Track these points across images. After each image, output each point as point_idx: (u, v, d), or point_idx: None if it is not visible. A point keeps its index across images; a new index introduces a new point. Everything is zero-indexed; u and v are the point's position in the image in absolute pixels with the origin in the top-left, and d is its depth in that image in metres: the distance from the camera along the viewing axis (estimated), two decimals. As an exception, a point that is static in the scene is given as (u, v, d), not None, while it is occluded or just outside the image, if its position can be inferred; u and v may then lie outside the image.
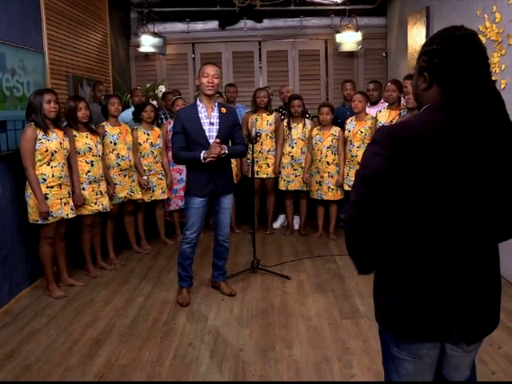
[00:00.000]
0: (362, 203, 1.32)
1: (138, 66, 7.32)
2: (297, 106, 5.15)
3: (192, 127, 3.45)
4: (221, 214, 3.63)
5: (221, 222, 3.65)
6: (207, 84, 3.41)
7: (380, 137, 1.32)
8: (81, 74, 5.20)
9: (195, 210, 3.50)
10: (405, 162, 1.28)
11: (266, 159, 5.38)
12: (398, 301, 1.38)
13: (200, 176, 3.48)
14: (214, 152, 3.33)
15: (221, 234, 3.69)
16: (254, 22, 7.20)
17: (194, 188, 3.50)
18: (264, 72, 7.27)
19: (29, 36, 4.10)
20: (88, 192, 4.13)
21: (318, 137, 5.12)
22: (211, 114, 3.51)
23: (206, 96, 3.48)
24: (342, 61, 7.28)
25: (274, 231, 5.66)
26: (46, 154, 3.66)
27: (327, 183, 5.12)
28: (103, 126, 4.50)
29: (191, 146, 3.46)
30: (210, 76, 3.41)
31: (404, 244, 1.35)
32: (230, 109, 3.70)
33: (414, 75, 1.44)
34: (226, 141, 3.52)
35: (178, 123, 3.48)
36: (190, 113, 3.50)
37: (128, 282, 4.17)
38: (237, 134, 3.61)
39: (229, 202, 3.64)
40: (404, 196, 1.30)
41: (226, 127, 3.52)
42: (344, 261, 4.50)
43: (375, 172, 1.29)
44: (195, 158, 3.39)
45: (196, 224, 3.53)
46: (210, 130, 3.49)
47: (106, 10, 6.14)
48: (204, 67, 3.49)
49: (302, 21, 7.23)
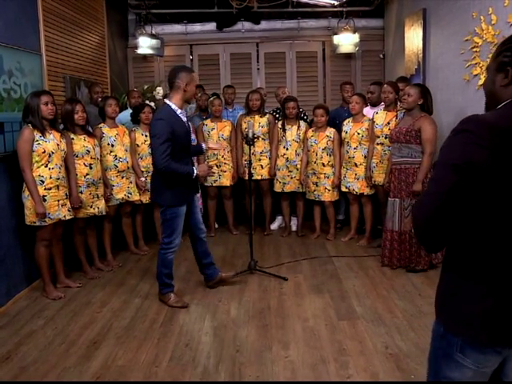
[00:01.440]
0: (452, 192, 1.24)
1: (136, 67, 7.32)
2: (291, 108, 5.16)
3: (181, 134, 3.42)
4: (195, 213, 3.73)
5: (198, 220, 3.75)
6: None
7: (473, 125, 1.25)
8: (78, 75, 5.20)
9: (182, 217, 3.55)
10: (505, 154, 1.21)
11: (260, 161, 5.39)
12: (481, 306, 1.30)
13: (188, 184, 3.52)
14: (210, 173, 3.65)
15: (201, 232, 3.79)
16: (251, 23, 7.21)
17: (183, 197, 3.52)
18: (262, 73, 7.28)
19: (26, 38, 4.10)
20: (85, 195, 4.14)
21: (312, 139, 5.13)
22: (184, 118, 3.56)
23: (185, 102, 3.52)
24: (339, 62, 7.29)
25: (272, 232, 5.67)
26: (43, 155, 3.66)
27: (324, 184, 5.13)
28: (100, 128, 4.51)
29: (177, 154, 3.39)
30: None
31: (490, 245, 1.29)
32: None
33: (488, 72, 1.42)
34: None
35: (167, 129, 3.30)
36: (175, 118, 3.41)
37: (125, 284, 4.17)
38: None
39: (197, 200, 3.80)
40: (498, 190, 1.23)
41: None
42: (341, 262, 4.51)
43: (469, 161, 1.21)
44: (189, 174, 3.44)
45: (180, 232, 3.60)
46: (190, 134, 3.62)
47: (103, 11, 6.14)
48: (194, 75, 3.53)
49: (300, 22, 7.25)
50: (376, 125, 4.69)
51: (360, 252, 4.80)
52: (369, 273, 4.19)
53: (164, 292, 3.68)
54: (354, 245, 5.05)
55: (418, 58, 5.38)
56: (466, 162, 1.23)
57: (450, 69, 4.55)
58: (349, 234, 5.25)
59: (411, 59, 5.66)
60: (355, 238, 5.22)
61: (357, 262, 4.48)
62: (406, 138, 4.02)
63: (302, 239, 5.36)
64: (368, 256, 4.64)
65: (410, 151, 4.04)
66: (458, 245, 1.35)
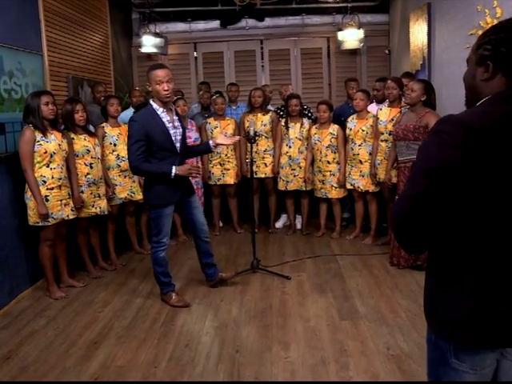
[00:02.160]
0: (421, 197, 1.20)
1: (140, 66, 7.30)
2: (294, 106, 5.12)
3: (157, 133, 3.34)
4: (195, 214, 3.67)
5: (197, 221, 3.68)
6: (162, 91, 3.31)
7: (448, 126, 1.21)
8: (81, 75, 5.20)
9: (167, 217, 3.52)
10: (480, 154, 1.17)
11: (263, 159, 5.36)
12: (466, 308, 1.26)
13: (171, 184, 3.44)
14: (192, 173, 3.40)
15: (201, 233, 3.73)
16: (255, 20, 7.16)
17: (165, 197, 3.47)
18: (266, 71, 7.24)
19: (27, 38, 4.10)
20: (87, 195, 4.14)
21: (316, 136, 5.09)
22: (173, 117, 3.47)
23: (162, 102, 3.39)
24: (344, 59, 7.23)
25: (276, 231, 5.63)
26: (45, 155, 3.66)
27: (330, 182, 5.09)
28: (103, 127, 4.50)
29: (156, 153, 3.38)
30: (164, 83, 3.31)
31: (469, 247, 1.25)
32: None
33: (469, 65, 1.37)
34: (185, 143, 3.61)
35: (140, 130, 3.28)
36: (152, 118, 3.36)
37: (128, 283, 4.17)
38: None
39: (196, 200, 3.72)
40: (475, 191, 1.19)
41: (183, 130, 3.57)
42: (345, 260, 4.47)
43: (444, 165, 1.17)
44: (164, 173, 3.35)
45: (169, 231, 3.59)
46: (175, 133, 3.45)
47: (106, 11, 6.14)
48: (155, 71, 3.33)
49: (304, 19, 7.19)
50: (380, 121, 4.63)
51: (365, 250, 4.75)
52: (373, 272, 4.15)
53: (165, 291, 3.67)
54: (358, 243, 5.01)
55: (423, 53, 5.31)
56: (441, 165, 1.18)
57: (455, 63, 4.47)
58: (354, 232, 5.20)
59: (416, 54, 5.59)
60: (360, 236, 5.17)
61: (361, 261, 4.44)
62: (415, 135, 3.96)
63: (306, 237, 5.32)
64: (372, 254, 4.59)
65: (418, 148, 3.98)
66: (439, 248, 1.31)
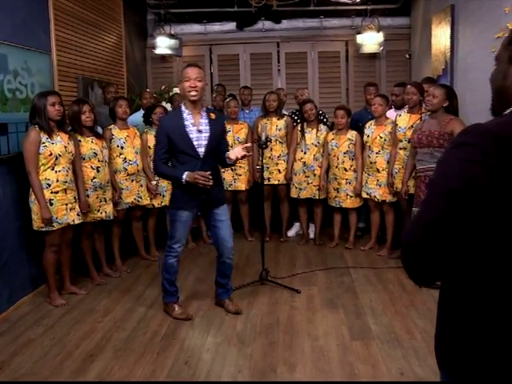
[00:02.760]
0: (439, 223, 0.99)
1: (155, 68, 7.21)
2: (309, 110, 4.93)
3: (177, 136, 3.19)
4: (219, 228, 3.39)
5: (221, 237, 3.40)
6: (189, 89, 3.15)
7: (474, 137, 1.00)
8: (92, 75, 5.09)
9: (182, 223, 3.31)
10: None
11: (277, 165, 5.17)
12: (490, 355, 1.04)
13: (187, 188, 3.21)
14: (199, 183, 3.14)
15: (224, 251, 3.43)
16: (272, 22, 7.01)
17: (181, 201, 3.28)
18: (282, 74, 7.08)
19: (35, 37, 4.00)
20: (92, 199, 4.00)
21: (333, 142, 4.89)
22: (199, 120, 3.25)
23: (190, 102, 3.21)
24: (363, 63, 7.03)
25: (289, 239, 5.44)
26: (49, 157, 3.54)
27: (345, 190, 4.88)
28: (110, 129, 4.38)
29: (178, 157, 3.25)
30: (191, 79, 3.14)
31: (499, 279, 1.02)
32: (219, 115, 3.56)
33: (499, 63, 1.15)
34: (214, 149, 3.29)
35: (162, 132, 3.22)
36: (175, 120, 3.24)
37: (132, 290, 4.02)
38: (223, 142, 3.42)
39: (224, 213, 3.40)
40: (505, 216, 0.98)
41: (215, 135, 3.28)
42: (358, 274, 4.26)
43: (468, 185, 0.97)
44: (176, 178, 3.20)
45: (183, 237, 3.37)
46: (199, 138, 3.22)
47: (120, 11, 6.04)
48: (185, 69, 3.21)
49: (322, 21, 7.01)
50: (399, 128, 4.41)
51: (379, 263, 4.53)
52: (387, 287, 3.93)
53: (166, 300, 3.49)
54: (373, 255, 4.79)
55: (446, 57, 5.08)
56: (464, 185, 0.97)
57: (479, 68, 4.23)
58: (369, 244, 4.98)
59: (438, 59, 5.35)
60: (375, 248, 4.95)
61: (375, 275, 4.22)
62: (440, 141, 3.73)
63: (319, 248, 5.12)
64: (388, 268, 4.37)
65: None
66: (456, 279, 1.08)
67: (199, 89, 3.16)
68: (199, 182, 3.13)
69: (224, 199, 3.46)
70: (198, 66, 3.24)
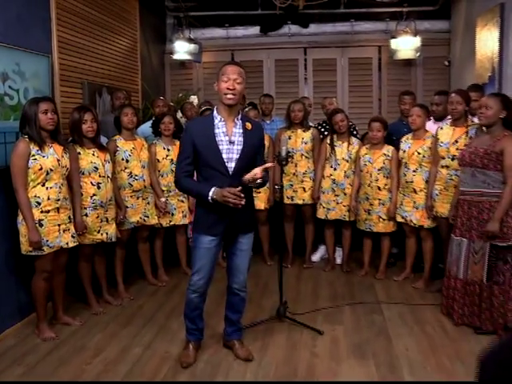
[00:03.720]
0: None
1: (173, 74, 6.83)
2: (340, 121, 4.40)
3: (204, 145, 2.68)
4: (237, 256, 2.87)
5: (236, 266, 2.88)
6: (226, 91, 2.64)
7: None
8: (100, 81, 4.69)
9: (204, 250, 2.77)
10: None
11: (302, 182, 4.64)
12: None
13: (211, 209, 2.70)
14: (228, 201, 2.58)
15: (235, 282, 2.92)
16: (299, 26, 6.57)
17: (204, 224, 2.76)
18: (309, 82, 6.61)
19: (31, 36, 3.60)
20: (91, 219, 3.56)
21: (367, 157, 4.33)
22: (232, 129, 2.72)
23: (224, 106, 2.70)
24: (397, 70, 6.49)
25: (313, 265, 4.89)
26: (39, 172, 3.11)
27: (378, 212, 4.31)
28: (115, 141, 3.94)
29: (202, 171, 2.74)
30: (230, 80, 2.63)
31: None
32: (257, 124, 2.91)
33: None
34: (247, 166, 2.71)
35: (187, 139, 2.72)
36: (204, 127, 2.73)
37: (131, 324, 3.55)
38: (259, 155, 2.85)
39: (247, 242, 2.86)
40: None
41: (250, 148, 2.73)
42: (391, 311, 3.68)
43: None
44: (200, 195, 2.69)
45: (205, 268, 2.80)
46: (230, 150, 2.69)
47: (136, 14, 5.66)
48: (225, 67, 2.69)
49: (353, 25, 6.51)
50: (440, 143, 3.83)
51: (416, 298, 3.94)
52: (426, 329, 3.34)
53: (186, 337, 3.02)
54: (408, 287, 4.19)
55: (493, 63, 4.49)
56: None
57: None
58: (403, 273, 4.39)
59: (484, 65, 4.76)
60: (410, 278, 4.36)
61: (411, 312, 3.63)
62: (484, 161, 3.16)
63: (346, 276, 4.55)
64: (426, 305, 3.77)
65: (487, 179, 3.17)
66: None
67: (238, 93, 2.65)
68: (228, 200, 2.58)
69: (253, 226, 2.93)
70: (240, 66, 2.73)
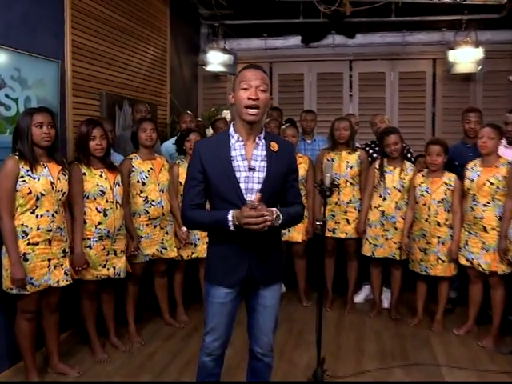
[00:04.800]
0: None
1: (206, 88, 6.33)
2: (393, 144, 3.75)
3: (217, 173, 2.06)
4: (259, 314, 2.21)
5: (258, 326, 2.23)
6: (246, 102, 2.02)
7: None
8: (121, 92, 4.22)
9: (219, 306, 2.15)
10: None
11: (346, 213, 3.99)
12: None
13: (227, 252, 2.11)
14: (249, 226, 1.92)
15: (258, 345, 2.26)
16: (344, 37, 5.96)
17: (217, 271, 2.13)
18: (355, 98, 5.99)
19: (37, 39, 3.14)
20: (96, 251, 3.04)
21: (424, 186, 3.66)
22: (252, 152, 2.10)
23: (243, 122, 2.07)
24: (454, 86, 5.79)
25: (355, 307, 4.21)
26: (28, 197, 2.61)
27: (436, 252, 3.61)
28: (130, 160, 3.42)
29: (215, 202, 2.13)
30: (252, 88, 2.01)
31: None
32: (285, 144, 2.23)
33: None
34: (272, 199, 2.08)
35: (196, 163, 2.10)
36: (217, 147, 2.10)
37: (137, 377, 2.99)
38: (291, 186, 2.18)
39: (273, 296, 2.21)
40: None
41: (276, 175, 2.09)
42: (454, 375, 2.98)
43: None
44: (218, 224, 2.02)
45: (220, 328, 2.18)
46: (249, 179, 2.06)
47: (166, 21, 5.21)
48: (243, 72, 2.07)
49: (405, 36, 5.86)
50: (519, 172, 3.14)
51: (484, 361, 3.21)
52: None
53: None
54: (473, 344, 3.46)
55: None
56: None
57: None
58: (465, 326, 3.65)
59: None
60: (474, 331, 3.63)
61: (481, 380, 2.92)
62: None
63: (395, 325, 3.85)
64: (499, 373, 3.04)
65: None
66: None
67: (262, 104, 2.01)
68: (250, 224, 1.91)
69: (280, 275, 2.25)
70: (262, 70, 2.09)
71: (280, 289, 2.25)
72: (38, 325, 2.86)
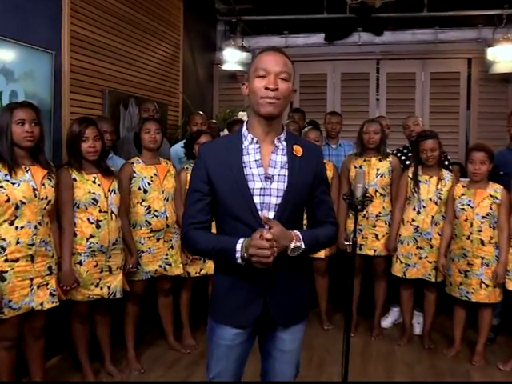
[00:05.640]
0: None
1: (222, 88, 5.96)
2: (430, 150, 3.30)
3: (225, 183, 1.64)
4: (276, 360, 1.76)
5: (275, 373, 1.78)
6: (263, 93, 1.59)
7: None
8: (127, 90, 3.86)
9: (225, 349, 1.71)
10: None
11: (374, 227, 3.53)
12: None
13: (237, 284, 1.67)
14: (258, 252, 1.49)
15: None
16: (371, 34, 5.57)
17: (224, 308, 1.70)
18: (382, 100, 5.57)
19: (26, 27, 2.79)
20: (87, 268, 2.65)
21: (465, 199, 3.19)
22: (270, 156, 1.66)
23: (260, 118, 1.64)
24: (491, 87, 5.34)
25: (383, 333, 3.75)
26: (6, 205, 2.24)
27: (479, 275, 3.13)
28: (132, 164, 3.04)
29: (223, 222, 1.69)
30: (271, 75, 1.60)
31: None
32: (312, 147, 1.78)
33: None
34: (297, 214, 1.70)
35: (199, 171, 1.67)
36: (226, 152, 1.67)
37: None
38: (320, 201, 1.73)
39: (295, 338, 1.76)
40: None
41: (300, 187, 1.66)
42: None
43: None
44: (222, 254, 1.60)
45: (226, 373, 1.74)
46: (266, 191, 1.62)
47: (180, 16, 4.85)
48: (260, 56, 1.63)
49: (437, 33, 5.43)
50: None
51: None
52: None
53: None
54: (523, 383, 2.99)
55: None
56: None
57: None
58: None
59: None
60: (523, 367, 3.15)
61: None
62: None
63: (429, 355, 3.38)
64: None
65: None
66: None
67: (282, 95, 1.58)
68: (257, 258, 1.49)
69: (304, 313, 1.80)
70: (284, 53, 1.65)
71: (303, 329, 1.80)
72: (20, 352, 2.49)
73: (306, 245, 1.58)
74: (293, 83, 1.66)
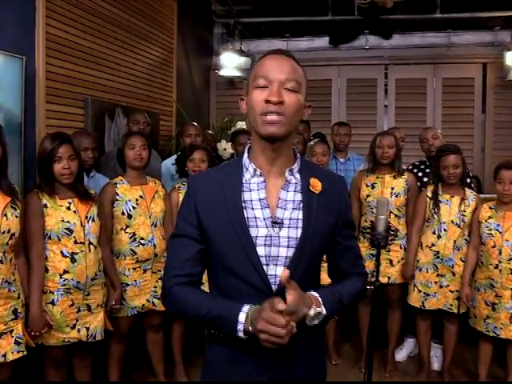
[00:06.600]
0: None
1: (220, 94, 5.63)
2: (452, 167, 2.93)
3: (221, 228, 1.26)
4: None
5: None
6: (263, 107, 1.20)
7: None
8: (113, 99, 3.50)
9: None
10: None
11: (389, 252, 3.15)
12: None
13: (237, 357, 1.27)
14: (271, 329, 1.10)
15: None
16: (379, 37, 5.30)
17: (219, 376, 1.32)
18: (391, 108, 5.32)
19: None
20: (62, 308, 2.29)
21: (493, 223, 2.82)
22: (279, 193, 1.28)
23: (262, 141, 1.25)
24: (507, 95, 5.04)
25: (397, 368, 3.38)
26: (-41, 241, 1.88)
27: (509, 309, 2.76)
28: (115, 185, 2.67)
29: (218, 279, 1.31)
30: (274, 84, 1.21)
31: None
32: (334, 180, 1.37)
33: None
34: (315, 269, 1.33)
35: (188, 213, 1.29)
36: (221, 187, 1.29)
37: None
38: (345, 248, 1.36)
39: None
40: None
41: (319, 233, 1.28)
42: None
43: None
44: (219, 323, 1.21)
45: None
46: (273, 240, 1.25)
47: (173, 17, 4.52)
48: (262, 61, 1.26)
49: (450, 36, 5.15)
50: None
51: None
52: None
53: None
54: None
55: None
56: None
57: None
58: (547, 405, 2.81)
59: None
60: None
61: None
62: None
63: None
64: None
65: None
66: None
67: (288, 110, 1.20)
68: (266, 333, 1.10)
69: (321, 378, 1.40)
70: (292, 56, 1.27)
71: None
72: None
73: (327, 310, 1.21)
74: (305, 95, 1.28)
